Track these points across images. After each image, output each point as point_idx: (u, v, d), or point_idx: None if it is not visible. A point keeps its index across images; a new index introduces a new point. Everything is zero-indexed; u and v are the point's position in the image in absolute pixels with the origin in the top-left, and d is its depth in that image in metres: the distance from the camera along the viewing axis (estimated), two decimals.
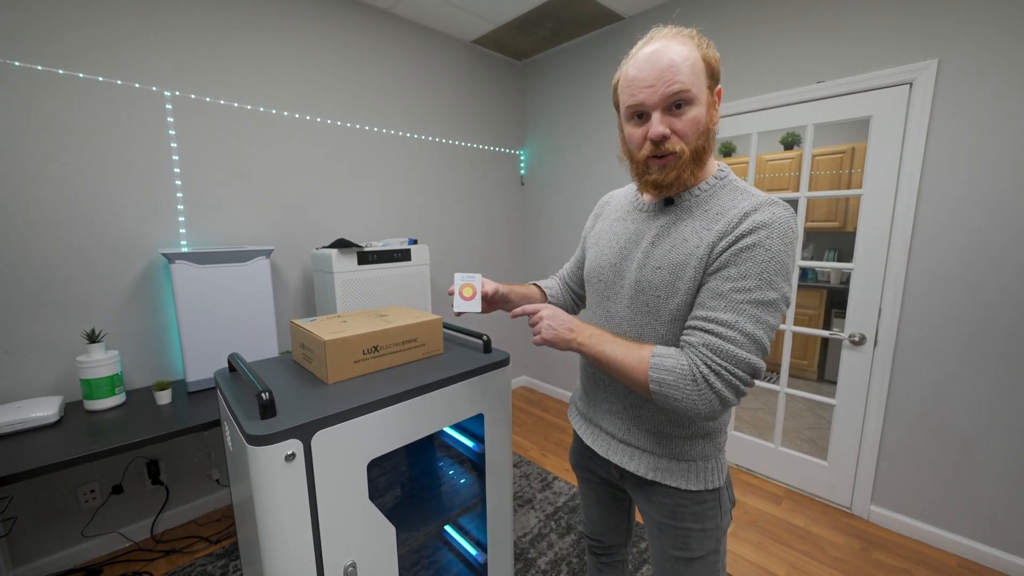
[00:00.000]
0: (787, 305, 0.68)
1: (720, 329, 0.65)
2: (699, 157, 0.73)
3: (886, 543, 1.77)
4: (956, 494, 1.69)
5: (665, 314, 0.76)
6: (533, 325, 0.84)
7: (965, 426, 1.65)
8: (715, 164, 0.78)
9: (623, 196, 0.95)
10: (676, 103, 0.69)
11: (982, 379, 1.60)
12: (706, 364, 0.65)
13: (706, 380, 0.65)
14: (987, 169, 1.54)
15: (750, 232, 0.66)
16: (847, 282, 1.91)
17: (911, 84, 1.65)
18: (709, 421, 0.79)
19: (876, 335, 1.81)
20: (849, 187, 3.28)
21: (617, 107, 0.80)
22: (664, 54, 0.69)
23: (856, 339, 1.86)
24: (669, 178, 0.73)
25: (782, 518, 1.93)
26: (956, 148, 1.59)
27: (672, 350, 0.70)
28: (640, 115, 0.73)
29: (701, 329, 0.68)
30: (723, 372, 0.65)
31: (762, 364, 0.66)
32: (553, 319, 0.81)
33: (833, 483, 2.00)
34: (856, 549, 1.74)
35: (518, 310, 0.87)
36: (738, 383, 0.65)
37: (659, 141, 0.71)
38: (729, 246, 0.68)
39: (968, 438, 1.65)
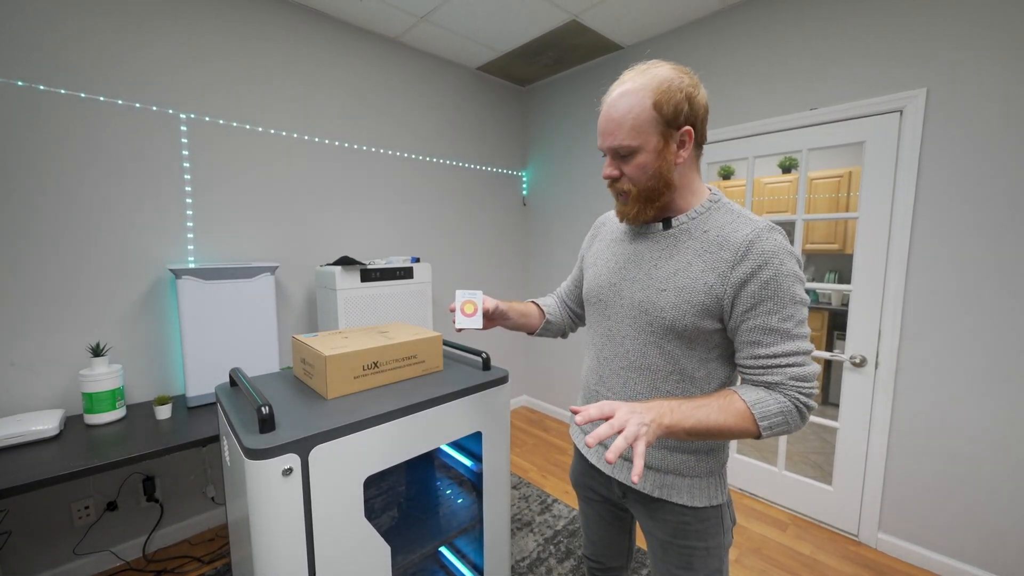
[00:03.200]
0: (809, 301, 0.76)
1: (793, 359, 0.72)
2: (651, 197, 0.79)
3: (895, 573, 1.72)
4: (966, 522, 1.65)
5: (671, 333, 0.78)
6: (618, 430, 0.62)
7: (972, 450, 1.62)
8: (706, 189, 0.83)
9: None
10: (620, 153, 0.77)
11: (987, 402, 1.59)
12: (800, 393, 0.72)
13: (805, 406, 0.72)
14: (981, 194, 1.56)
15: (765, 264, 0.71)
16: (848, 304, 1.91)
17: (902, 111, 1.70)
18: None
19: (877, 357, 1.81)
20: (847, 210, 3.31)
21: None
22: (613, 107, 0.76)
23: (857, 361, 1.85)
24: (625, 210, 0.82)
25: (788, 545, 1.88)
26: (948, 173, 1.62)
27: (761, 393, 0.72)
28: (604, 154, 0.81)
29: (780, 366, 0.72)
30: (811, 391, 0.73)
31: (818, 366, 0.75)
32: (638, 420, 0.63)
33: (839, 509, 1.95)
34: None
35: (581, 419, 0.65)
36: (816, 392, 0.73)
37: (609, 181, 0.81)
38: (748, 279, 0.72)
39: (976, 464, 1.62)
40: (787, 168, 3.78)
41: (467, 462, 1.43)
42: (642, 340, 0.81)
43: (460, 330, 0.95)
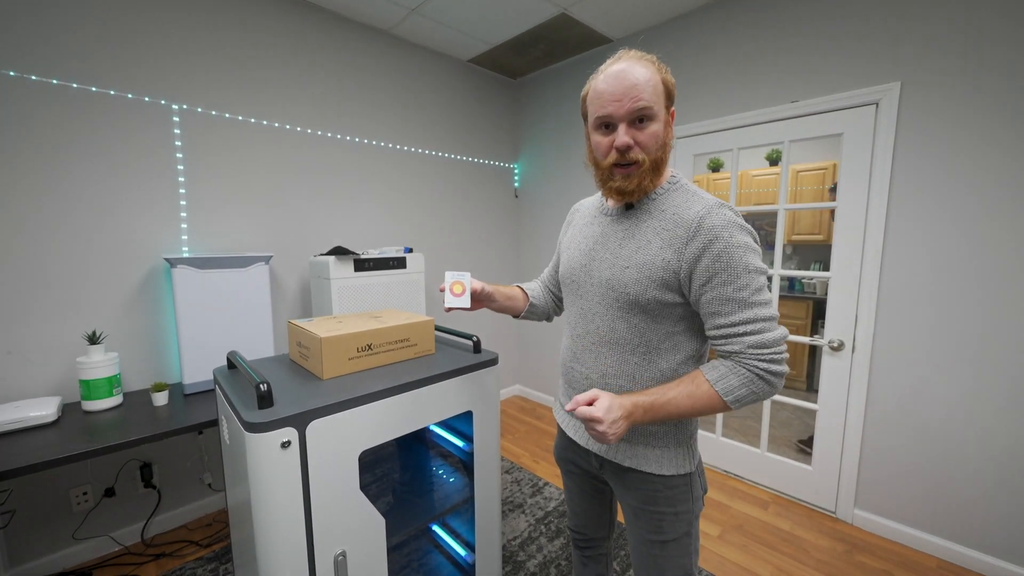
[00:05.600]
0: (768, 271, 0.80)
1: (749, 327, 0.74)
2: (657, 167, 0.82)
3: (869, 546, 1.80)
4: (935, 496, 1.73)
5: (636, 308, 0.83)
6: (593, 428, 0.74)
7: (941, 430, 1.71)
8: (668, 171, 0.88)
9: (591, 204, 1.03)
10: (639, 118, 0.78)
11: (955, 384, 1.67)
12: (759, 360, 0.74)
13: (768, 371, 0.74)
14: (951, 184, 1.63)
15: (715, 238, 0.75)
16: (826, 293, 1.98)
17: (877, 104, 1.76)
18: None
19: (854, 341, 1.88)
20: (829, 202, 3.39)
21: (585, 118, 0.88)
22: (631, 73, 0.77)
23: (835, 345, 1.92)
24: (631, 185, 0.82)
25: (768, 522, 1.96)
26: (921, 164, 1.68)
27: (722, 367, 0.76)
28: (607, 125, 0.81)
29: (736, 335, 0.75)
30: (773, 356, 0.74)
31: (785, 329, 0.77)
32: (612, 423, 0.73)
33: (818, 488, 2.03)
34: (839, 552, 1.77)
35: (575, 409, 0.75)
36: (782, 356, 0.75)
37: (624, 150, 0.79)
38: (701, 254, 0.76)
39: (944, 441, 1.70)
40: (774, 160, 3.84)
41: (459, 443, 1.48)
42: (611, 316, 0.86)
43: (449, 309, 0.99)
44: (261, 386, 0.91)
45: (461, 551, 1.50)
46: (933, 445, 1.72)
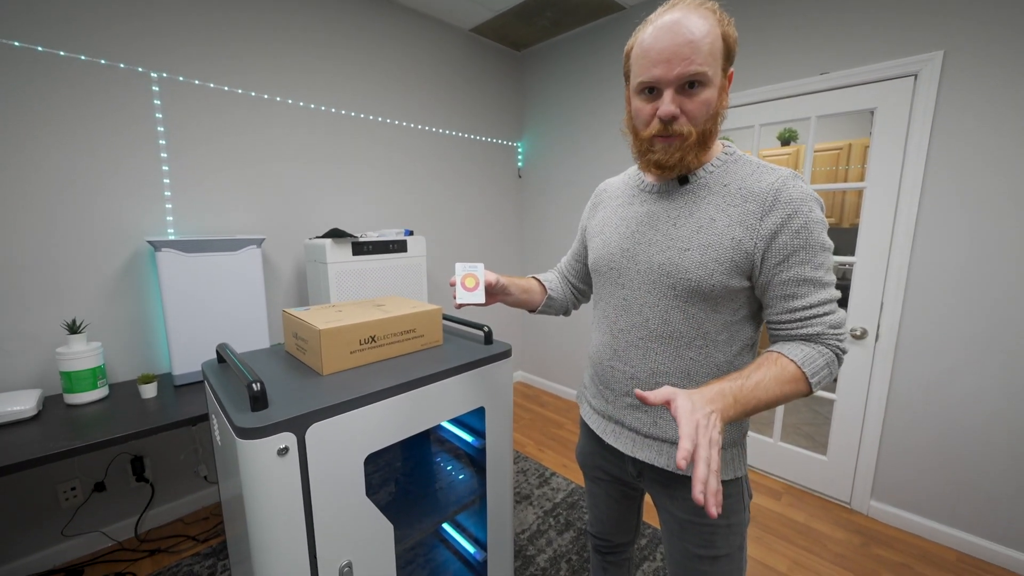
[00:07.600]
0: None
1: (826, 308, 0.70)
2: (704, 140, 0.72)
3: (886, 538, 1.76)
4: (956, 489, 1.68)
5: (696, 295, 0.73)
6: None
7: (966, 421, 1.64)
8: (720, 143, 0.78)
9: (622, 182, 0.92)
10: (690, 83, 0.67)
11: (984, 374, 1.59)
12: (837, 341, 0.70)
13: (842, 351, 0.71)
14: (993, 163, 1.52)
15: (794, 213, 0.67)
16: (844, 278, 1.90)
17: (916, 76, 1.63)
18: None
19: (878, 329, 1.80)
20: (846, 183, 3.28)
21: (627, 77, 0.76)
22: (685, 27, 0.65)
23: (857, 333, 1.84)
24: (673, 159, 0.72)
25: (782, 513, 1.92)
26: (961, 141, 1.57)
27: (804, 347, 0.69)
28: (651, 90, 0.70)
29: (817, 316, 0.70)
30: (845, 336, 0.71)
31: (844, 311, 0.74)
32: (701, 416, 0.54)
33: (832, 478, 1.99)
34: (856, 544, 1.73)
35: (652, 397, 0.59)
36: (847, 335, 0.72)
37: (668, 120, 0.69)
38: (779, 230, 0.68)
39: (969, 433, 1.64)
40: (786, 140, 3.71)
41: (468, 438, 1.40)
42: (664, 306, 0.76)
43: (460, 306, 0.89)
44: (254, 385, 0.81)
45: (470, 548, 1.43)
46: (959, 437, 1.66)
